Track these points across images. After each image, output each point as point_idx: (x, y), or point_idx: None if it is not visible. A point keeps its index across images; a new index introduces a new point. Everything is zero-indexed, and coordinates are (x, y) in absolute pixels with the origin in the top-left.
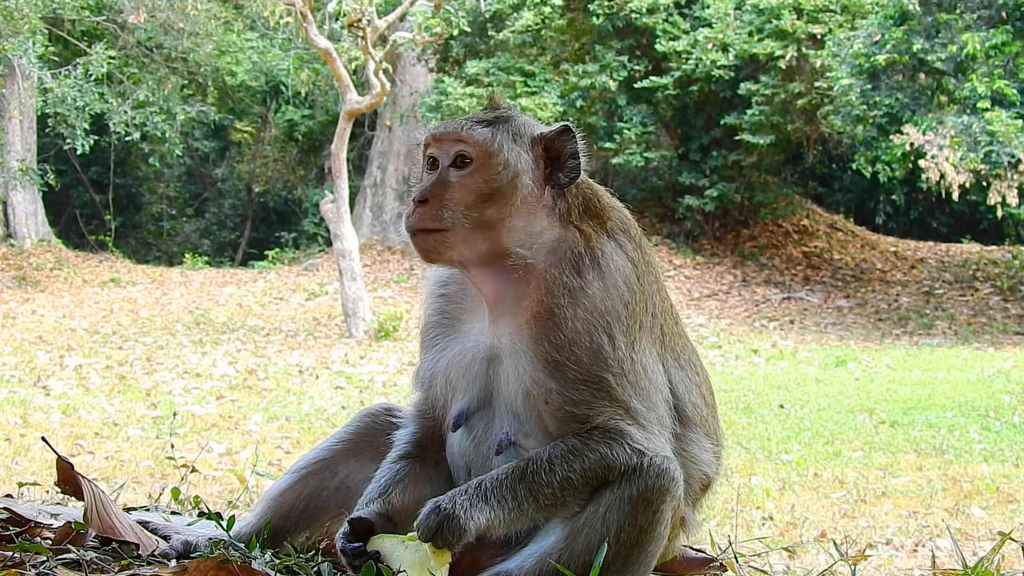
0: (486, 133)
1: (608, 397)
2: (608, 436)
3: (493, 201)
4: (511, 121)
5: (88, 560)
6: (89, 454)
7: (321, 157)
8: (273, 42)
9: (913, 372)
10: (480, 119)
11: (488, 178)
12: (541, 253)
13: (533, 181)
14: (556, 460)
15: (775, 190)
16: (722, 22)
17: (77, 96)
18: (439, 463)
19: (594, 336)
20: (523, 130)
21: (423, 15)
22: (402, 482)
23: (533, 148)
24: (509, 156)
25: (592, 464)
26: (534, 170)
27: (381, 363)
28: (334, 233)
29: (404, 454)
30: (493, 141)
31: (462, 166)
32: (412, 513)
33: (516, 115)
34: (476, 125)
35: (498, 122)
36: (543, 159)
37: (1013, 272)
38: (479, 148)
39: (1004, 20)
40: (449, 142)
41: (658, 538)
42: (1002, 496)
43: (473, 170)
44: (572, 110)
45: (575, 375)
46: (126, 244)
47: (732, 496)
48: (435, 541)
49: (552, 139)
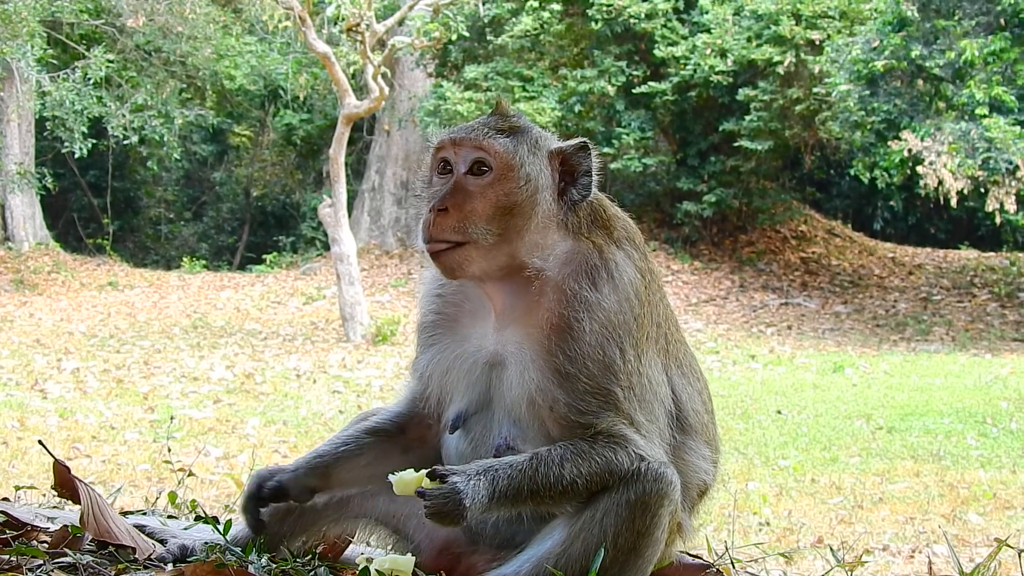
0: (508, 144)
1: (615, 409)
2: (613, 441)
3: (512, 214)
4: (529, 133)
5: (84, 564)
6: (86, 457)
7: (319, 161)
8: (272, 46)
9: (910, 378)
10: (498, 127)
11: (509, 191)
12: (555, 264)
13: (550, 195)
14: (567, 461)
15: (773, 196)
16: (721, 28)
17: (75, 99)
18: (408, 449)
19: (607, 350)
20: (541, 143)
21: (422, 20)
22: (362, 457)
23: (551, 162)
24: (530, 170)
25: (598, 468)
26: (551, 184)
27: (379, 367)
28: (332, 237)
29: (377, 429)
30: (515, 153)
31: (480, 174)
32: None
33: (531, 126)
34: (496, 134)
35: (517, 133)
36: (558, 173)
37: (1011, 279)
38: (500, 159)
39: (1002, 27)
40: (468, 148)
41: (655, 543)
42: (999, 502)
43: (493, 180)
44: (570, 115)
45: (584, 387)
46: (124, 248)
47: (729, 501)
48: (435, 517)
49: (570, 154)
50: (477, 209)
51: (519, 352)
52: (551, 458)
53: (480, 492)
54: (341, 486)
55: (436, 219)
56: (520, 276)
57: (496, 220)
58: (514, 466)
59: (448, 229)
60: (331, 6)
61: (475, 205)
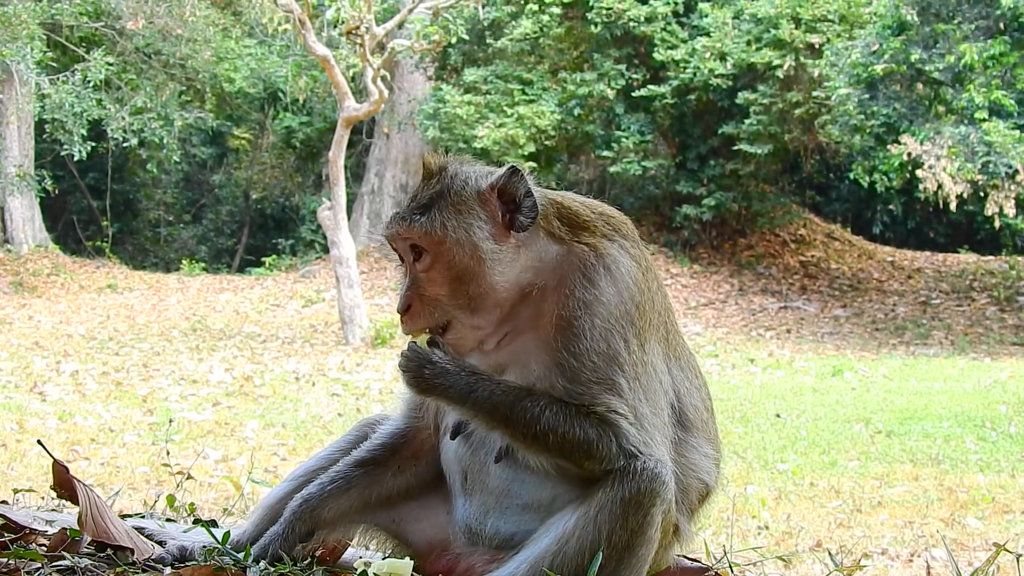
0: (424, 223)
1: (617, 397)
2: (602, 426)
3: (465, 280)
4: (448, 192)
5: (83, 567)
6: (85, 460)
7: (319, 164)
8: (271, 49)
9: (909, 382)
10: (417, 205)
11: (448, 264)
12: (548, 273)
13: (494, 237)
14: (548, 411)
15: (772, 199)
16: (720, 31)
17: (75, 102)
18: (401, 471)
19: (611, 342)
20: (464, 193)
21: (421, 23)
22: (352, 491)
23: (484, 205)
24: (457, 234)
25: (573, 437)
26: (492, 225)
27: (378, 370)
28: (331, 240)
29: (365, 460)
30: (434, 228)
31: (420, 259)
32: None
33: (453, 178)
34: (414, 215)
35: (435, 201)
36: (498, 207)
37: (1010, 282)
38: (426, 240)
39: (1002, 31)
40: (399, 240)
41: (649, 541)
42: (998, 506)
43: (431, 262)
44: (570, 118)
45: (588, 378)
46: (123, 250)
47: (727, 505)
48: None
49: (504, 186)
50: (431, 293)
51: (522, 357)
52: (537, 401)
53: (458, 384)
54: (334, 523)
55: (404, 319)
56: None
57: (454, 293)
58: (500, 385)
59: (421, 320)
60: (331, 9)
61: (430, 289)
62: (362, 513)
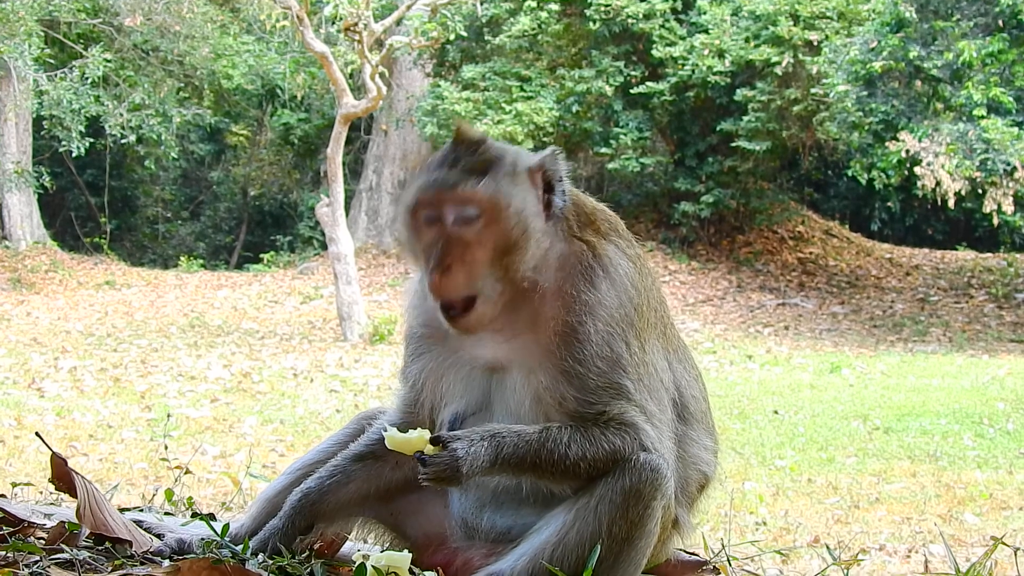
0: (490, 185)
1: (626, 400)
2: (623, 429)
3: (511, 252)
4: (503, 161)
5: (81, 560)
6: (83, 456)
7: (317, 161)
8: (269, 46)
9: (907, 379)
10: (472, 168)
11: (503, 232)
12: (550, 271)
13: (539, 215)
14: (574, 443)
15: (771, 196)
16: (718, 28)
17: (73, 99)
18: (400, 465)
19: (614, 346)
20: (518, 166)
21: (420, 19)
22: (351, 484)
23: (532, 181)
24: (517, 203)
25: (603, 455)
26: (537, 204)
27: (376, 367)
28: (329, 237)
29: (364, 454)
30: (498, 192)
31: (469, 223)
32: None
33: (502, 151)
34: (471, 178)
35: (492, 167)
36: (540, 188)
37: (1008, 280)
38: (486, 204)
39: (1000, 28)
40: (453, 201)
41: (648, 534)
42: (995, 503)
43: (483, 226)
44: (568, 115)
45: (595, 383)
46: (121, 247)
47: (725, 501)
48: (432, 482)
49: (547, 166)
50: (476, 257)
51: (523, 358)
52: (559, 437)
53: (481, 457)
54: (333, 516)
55: (442, 281)
56: (521, 291)
57: (497, 263)
58: (521, 436)
59: (457, 286)
60: (329, 5)
61: (474, 254)
62: (360, 507)
